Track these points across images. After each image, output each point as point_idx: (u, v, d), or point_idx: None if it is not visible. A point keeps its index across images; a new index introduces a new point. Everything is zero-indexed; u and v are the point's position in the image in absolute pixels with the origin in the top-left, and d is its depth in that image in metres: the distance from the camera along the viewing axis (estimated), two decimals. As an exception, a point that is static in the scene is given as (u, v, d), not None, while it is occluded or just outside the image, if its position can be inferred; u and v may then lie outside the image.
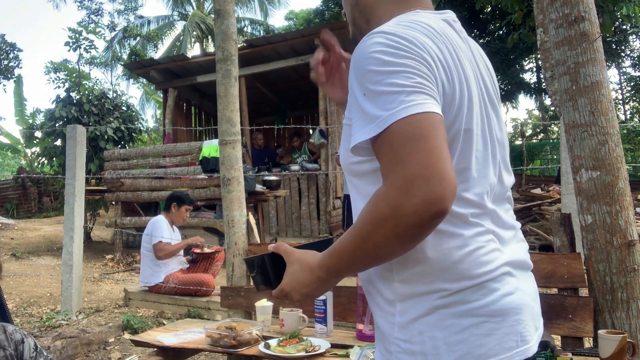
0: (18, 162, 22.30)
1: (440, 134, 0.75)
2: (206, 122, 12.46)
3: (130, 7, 19.16)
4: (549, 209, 7.51)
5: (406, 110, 0.75)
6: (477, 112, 0.89)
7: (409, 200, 0.71)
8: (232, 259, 2.67)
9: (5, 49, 13.71)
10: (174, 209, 4.65)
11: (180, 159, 7.08)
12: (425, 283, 0.84)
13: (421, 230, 0.74)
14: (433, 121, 0.75)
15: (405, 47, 0.81)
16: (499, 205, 0.93)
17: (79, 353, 3.31)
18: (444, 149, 0.74)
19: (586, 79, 1.96)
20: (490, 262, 0.85)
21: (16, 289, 5.44)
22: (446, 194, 0.71)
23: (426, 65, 0.81)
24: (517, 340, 0.84)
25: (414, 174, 0.72)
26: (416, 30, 0.85)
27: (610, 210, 1.90)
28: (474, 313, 0.82)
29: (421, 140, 0.73)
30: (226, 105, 2.77)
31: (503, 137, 0.98)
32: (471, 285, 0.83)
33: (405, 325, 0.86)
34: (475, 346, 0.82)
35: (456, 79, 0.85)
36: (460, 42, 0.93)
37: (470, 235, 0.85)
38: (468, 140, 0.87)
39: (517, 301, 0.86)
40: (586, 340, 1.95)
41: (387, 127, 0.75)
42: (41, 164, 12.54)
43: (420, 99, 0.76)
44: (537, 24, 5.97)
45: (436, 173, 0.72)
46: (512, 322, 0.84)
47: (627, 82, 20.29)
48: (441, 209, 0.72)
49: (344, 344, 1.96)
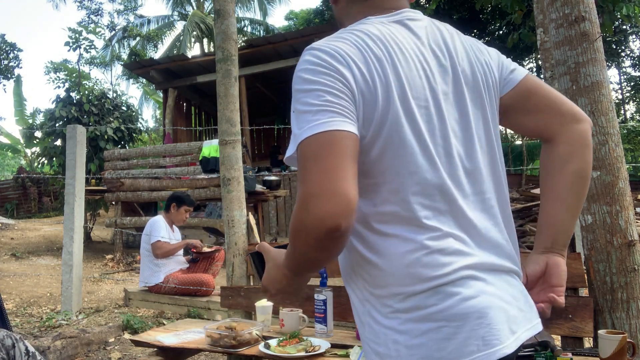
0: (18, 162, 22.31)
1: (337, 152, 0.79)
2: (206, 122, 12.46)
3: (130, 7, 19.16)
4: (549, 209, 7.50)
5: (309, 130, 0.81)
6: (421, 113, 0.89)
7: (307, 217, 0.77)
8: (232, 259, 2.67)
9: (5, 49, 13.71)
10: (173, 209, 4.65)
11: (180, 159, 7.08)
12: (382, 286, 0.87)
13: (327, 242, 0.78)
14: (332, 139, 0.80)
15: (323, 63, 0.85)
16: (470, 209, 0.90)
17: (79, 353, 3.31)
18: (338, 167, 0.78)
19: (586, 79, 1.96)
20: (446, 266, 0.84)
21: (16, 289, 5.44)
22: (336, 211, 0.75)
23: (341, 79, 0.84)
24: (478, 345, 0.82)
25: (308, 192, 0.77)
26: (346, 41, 0.89)
27: (611, 210, 1.90)
28: (431, 318, 0.83)
29: (316, 160, 0.79)
30: (226, 105, 2.77)
31: (486, 134, 0.96)
32: (426, 289, 0.84)
33: (372, 326, 0.89)
34: (433, 350, 0.83)
35: (379, 87, 0.86)
36: (411, 43, 0.93)
37: (424, 239, 0.85)
38: (406, 145, 0.86)
39: (480, 305, 0.84)
40: (586, 340, 1.95)
41: (298, 146, 0.82)
42: (41, 164, 12.53)
43: (324, 118, 0.81)
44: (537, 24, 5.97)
45: (326, 191, 0.76)
46: (473, 326, 0.83)
47: (627, 82, 20.29)
48: (333, 225, 0.75)
49: (344, 344, 1.96)
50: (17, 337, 1.56)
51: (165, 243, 4.43)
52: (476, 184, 0.93)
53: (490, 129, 0.97)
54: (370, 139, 0.86)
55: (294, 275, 0.91)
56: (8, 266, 6.92)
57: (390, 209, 0.87)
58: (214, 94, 3.08)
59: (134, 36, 17.59)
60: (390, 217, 0.87)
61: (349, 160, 0.80)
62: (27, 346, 1.55)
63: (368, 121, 0.85)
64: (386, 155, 0.86)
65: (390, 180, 0.87)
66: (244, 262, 2.66)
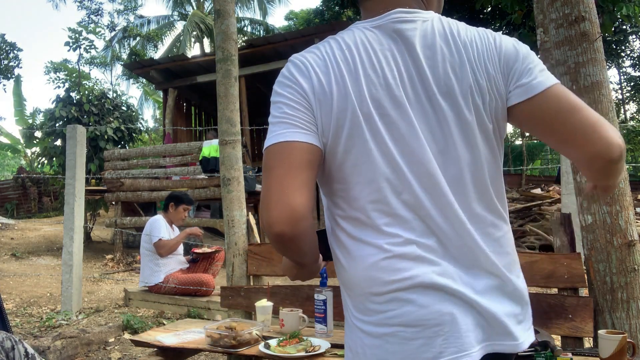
0: (18, 162, 22.30)
1: (285, 162, 0.85)
2: (206, 122, 12.47)
3: (130, 7, 19.16)
4: (549, 209, 7.51)
5: (268, 141, 0.88)
6: (384, 121, 0.87)
7: (262, 220, 0.85)
8: (232, 259, 2.66)
9: (5, 49, 13.70)
10: (171, 208, 4.65)
11: (180, 159, 7.08)
12: (348, 287, 0.93)
13: (280, 244, 0.87)
14: (282, 150, 0.86)
15: (289, 76, 0.91)
16: (441, 216, 0.87)
17: (79, 353, 3.31)
18: (285, 177, 0.84)
19: (586, 79, 1.96)
20: (404, 271, 0.85)
21: (16, 289, 5.44)
22: (280, 218, 0.82)
23: (300, 91, 0.89)
24: (435, 352, 0.83)
25: (262, 199, 0.86)
26: (317, 51, 0.93)
27: (611, 210, 1.90)
28: (388, 322, 0.86)
29: (269, 170, 0.86)
30: (226, 105, 2.77)
31: (466, 142, 0.90)
32: (384, 292, 0.86)
33: (347, 320, 0.95)
34: (389, 353, 0.85)
35: (336, 95, 0.88)
36: (385, 49, 0.90)
37: (384, 243, 0.87)
38: (366, 153, 0.87)
39: (439, 312, 0.84)
40: (586, 340, 1.95)
41: (263, 154, 0.89)
42: (41, 164, 12.54)
43: (280, 130, 0.87)
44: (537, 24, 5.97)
45: (271, 201, 0.84)
46: (430, 333, 0.84)
47: (627, 82, 20.29)
48: (279, 231, 0.83)
49: (344, 344, 1.96)
50: (16, 339, 1.56)
51: (167, 240, 4.44)
52: (452, 191, 0.88)
53: (473, 137, 0.90)
54: (332, 146, 0.89)
55: (299, 267, 0.99)
56: (8, 266, 6.92)
57: (354, 214, 0.90)
58: (214, 94, 3.08)
59: (134, 36, 17.58)
60: (356, 222, 0.90)
61: (299, 169, 0.84)
62: (26, 348, 1.55)
63: (326, 129, 0.88)
64: (347, 162, 0.89)
65: (352, 187, 0.89)
66: (244, 262, 2.66)
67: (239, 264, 2.66)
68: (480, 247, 0.89)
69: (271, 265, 2.58)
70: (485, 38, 0.93)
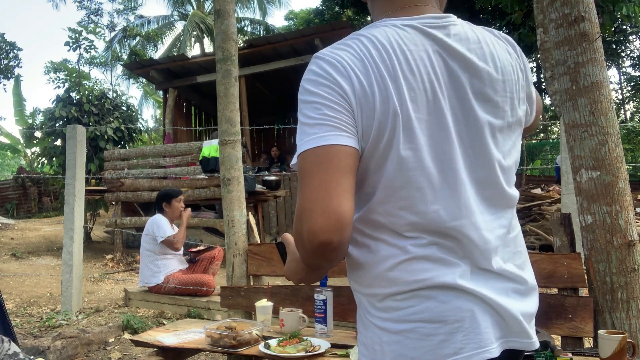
0: (18, 162, 22.30)
1: (330, 167, 0.81)
2: (206, 122, 12.46)
3: (129, 7, 19.16)
4: (549, 209, 7.52)
5: (306, 144, 0.83)
6: (422, 127, 0.87)
7: (302, 229, 0.81)
8: (232, 259, 2.66)
9: (5, 48, 13.69)
10: (166, 207, 4.64)
11: (180, 159, 7.08)
12: (365, 286, 0.92)
13: (321, 254, 0.82)
14: (326, 154, 0.81)
15: (324, 74, 0.86)
16: (464, 221, 0.89)
17: (79, 353, 3.31)
18: (332, 182, 0.80)
19: (586, 79, 1.96)
20: (426, 272, 0.86)
21: (16, 289, 5.44)
22: (328, 227, 0.78)
23: (340, 92, 0.84)
24: (455, 348, 0.84)
25: (303, 207, 0.81)
26: (350, 49, 0.88)
27: (610, 210, 1.90)
28: (409, 318, 0.86)
29: (311, 175, 0.81)
30: (226, 105, 2.77)
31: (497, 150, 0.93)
32: (404, 291, 0.86)
33: (362, 318, 0.95)
34: (408, 349, 0.85)
35: (378, 99, 0.85)
36: (421, 52, 0.89)
37: (407, 245, 0.87)
38: (404, 159, 0.86)
39: (459, 309, 0.85)
40: (586, 340, 1.95)
41: (297, 158, 0.85)
42: (41, 164, 12.54)
43: (320, 132, 0.83)
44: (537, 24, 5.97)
45: (318, 208, 0.79)
46: (451, 329, 0.85)
47: (627, 82, 20.28)
48: (326, 240, 0.79)
49: (344, 344, 1.96)
50: (5, 338, 1.57)
51: (175, 234, 4.46)
52: (478, 196, 0.91)
53: (502, 144, 0.94)
54: (370, 150, 0.86)
55: (310, 270, 0.94)
56: (8, 266, 6.92)
57: (376, 217, 0.89)
58: (214, 94, 3.08)
59: (133, 36, 17.58)
60: (378, 225, 0.90)
61: (344, 174, 0.81)
62: (14, 349, 1.56)
63: (367, 132, 0.85)
64: (384, 166, 0.87)
65: (380, 191, 0.88)
66: (244, 262, 2.66)
67: (239, 264, 2.66)
68: (499, 248, 0.92)
69: (271, 265, 2.58)
70: (512, 52, 1.00)
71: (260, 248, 2.64)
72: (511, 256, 0.94)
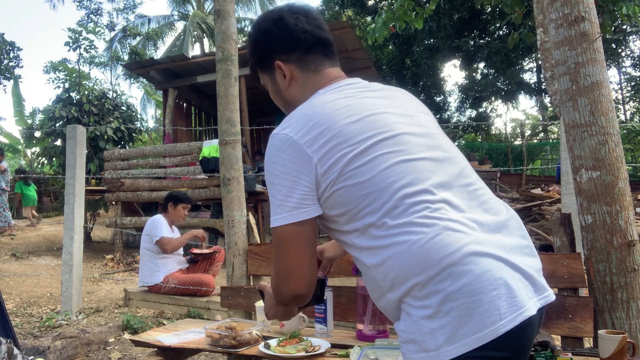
0: (18, 162, 22.28)
1: (299, 240, 1.06)
2: (206, 122, 12.46)
3: (129, 6, 19.13)
4: (549, 209, 7.52)
5: (276, 222, 1.06)
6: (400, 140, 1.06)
7: (282, 288, 1.10)
8: (232, 259, 2.66)
9: (4, 48, 13.68)
10: (170, 208, 4.65)
11: (180, 159, 7.08)
12: (401, 283, 0.98)
13: (295, 301, 1.13)
14: (292, 231, 1.05)
15: (285, 149, 1.05)
16: (459, 198, 1.03)
17: (79, 353, 3.31)
18: (304, 254, 1.06)
19: (586, 79, 1.96)
20: (450, 245, 0.94)
21: (16, 289, 5.44)
22: (302, 287, 1.08)
23: (301, 162, 1.03)
24: (499, 314, 0.91)
25: (282, 272, 1.08)
26: (298, 120, 1.08)
27: (610, 210, 1.90)
28: (450, 298, 0.92)
29: (283, 248, 1.07)
30: (226, 105, 2.77)
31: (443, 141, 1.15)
32: (437, 272, 0.93)
33: (405, 319, 1.00)
34: (458, 327, 0.91)
35: (334, 141, 1.03)
36: (369, 97, 1.13)
37: (427, 228, 0.96)
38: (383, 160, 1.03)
39: (493, 277, 0.93)
40: (586, 340, 1.95)
41: (272, 230, 1.08)
42: (41, 164, 12.52)
43: (285, 211, 1.05)
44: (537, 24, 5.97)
45: (294, 275, 1.07)
46: (491, 297, 0.91)
47: (627, 82, 20.27)
48: (299, 294, 1.09)
49: (344, 344, 1.96)
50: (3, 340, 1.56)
51: (171, 238, 4.44)
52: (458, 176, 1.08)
53: None
54: (332, 184, 1.03)
55: (284, 307, 1.23)
56: (8, 266, 6.92)
57: (389, 207, 1.01)
58: (214, 94, 3.08)
59: (134, 36, 17.57)
60: (393, 213, 0.99)
61: (311, 244, 1.07)
62: (9, 349, 1.56)
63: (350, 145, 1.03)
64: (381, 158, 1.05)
65: (384, 181, 1.03)
66: (244, 262, 2.66)
67: (239, 264, 2.66)
68: (504, 212, 1.07)
69: (271, 266, 2.57)
70: None
71: (260, 248, 2.64)
72: (517, 222, 1.09)
